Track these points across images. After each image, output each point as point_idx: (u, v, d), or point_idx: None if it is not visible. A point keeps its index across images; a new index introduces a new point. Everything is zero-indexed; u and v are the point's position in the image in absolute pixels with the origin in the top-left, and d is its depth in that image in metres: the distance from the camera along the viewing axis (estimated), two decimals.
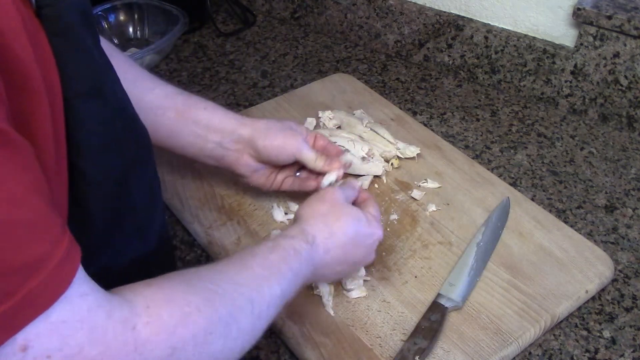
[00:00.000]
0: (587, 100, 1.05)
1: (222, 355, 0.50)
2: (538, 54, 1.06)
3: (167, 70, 1.15)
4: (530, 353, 0.71)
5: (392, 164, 0.91)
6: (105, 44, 0.73)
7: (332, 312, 0.71)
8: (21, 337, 0.38)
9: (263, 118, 0.80)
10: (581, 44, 1.01)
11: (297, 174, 0.82)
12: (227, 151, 0.78)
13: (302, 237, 0.63)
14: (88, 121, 0.48)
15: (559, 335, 0.73)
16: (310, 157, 0.78)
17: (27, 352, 0.38)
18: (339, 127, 0.96)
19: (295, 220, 0.68)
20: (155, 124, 0.75)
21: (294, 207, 0.84)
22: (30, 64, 0.40)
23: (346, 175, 0.89)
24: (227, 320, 0.50)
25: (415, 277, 0.76)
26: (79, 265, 0.42)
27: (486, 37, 1.10)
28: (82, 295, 0.41)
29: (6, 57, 0.38)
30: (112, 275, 0.55)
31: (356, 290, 0.73)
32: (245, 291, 0.53)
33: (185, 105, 0.77)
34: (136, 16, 1.20)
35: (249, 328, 0.52)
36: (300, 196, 0.86)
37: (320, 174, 0.79)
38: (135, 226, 0.58)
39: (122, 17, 1.20)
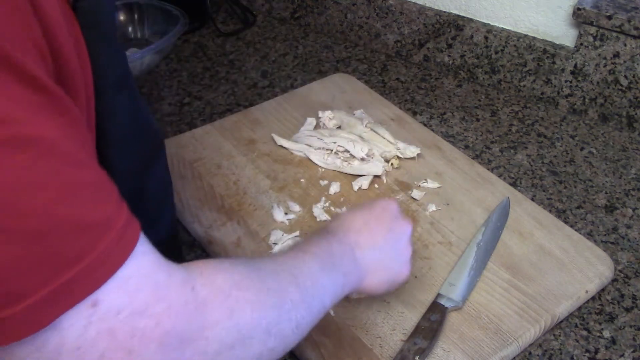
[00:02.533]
0: (587, 100, 1.05)
1: (277, 327, 0.50)
2: (538, 54, 1.06)
3: (167, 70, 1.15)
4: (530, 353, 0.71)
5: (392, 164, 0.91)
6: None
7: (332, 312, 0.71)
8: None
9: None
10: (581, 44, 1.01)
11: None
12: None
13: (327, 232, 0.63)
14: (117, 112, 0.50)
15: (559, 335, 0.73)
16: None
17: (97, 308, 0.39)
18: (339, 127, 0.96)
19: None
20: None
21: (294, 207, 0.84)
22: (72, 57, 0.41)
23: (346, 175, 0.90)
24: (277, 291, 0.50)
25: (415, 277, 0.76)
26: (140, 226, 0.42)
27: (486, 37, 1.10)
28: (144, 253, 0.42)
29: (54, 48, 0.39)
30: None
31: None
32: (285, 267, 0.53)
33: None
34: (136, 16, 1.20)
35: (299, 301, 0.52)
36: (302, 197, 0.86)
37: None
38: (147, 217, 0.59)
39: (122, 17, 1.20)
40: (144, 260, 0.42)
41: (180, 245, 0.71)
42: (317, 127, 0.97)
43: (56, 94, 0.37)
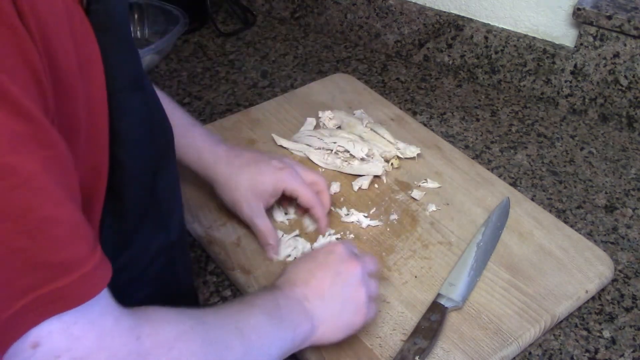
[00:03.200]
0: (587, 100, 1.05)
1: None
2: (538, 54, 1.06)
3: (167, 70, 1.15)
4: (530, 353, 0.71)
5: (392, 164, 0.91)
6: None
7: None
8: (33, 334, 0.38)
9: (241, 161, 0.77)
10: (581, 44, 1.01)
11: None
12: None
13: (273, 287, 0.62)
14: (130, 114, 0.50)
15: (559, 335, 0.73)
16: (258, 234, 0.77)
17: (37, 350, 0.38)
18: (339, 127, 0.96)
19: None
20: None
21: (292, 209, 0.84)
22: (73, 72, 0.41)
23: (346, 175, 0.90)
24: (220, 344, 0.50)
25: (415, 277, 0.76)
26: (110, 276, 0.42)
27: (486, 37, 1.10)
28: (97, 298, 0.41)
29: (53, 67, 0.39)
30: (139, 265, 0.56)
31: None
32: (230, 320, 0.53)
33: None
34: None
35: (243, 354, 0.52)
36: None
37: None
38: (159, 218, 0.60)
39: None
40: (94, 306, 0.41)
41: (186, 245, 0.72)
42: (317, 127, 0.97)
43: (43, 126, 0.37)
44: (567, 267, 0.77)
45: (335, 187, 0.87)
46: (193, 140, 0.77)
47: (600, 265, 0.78)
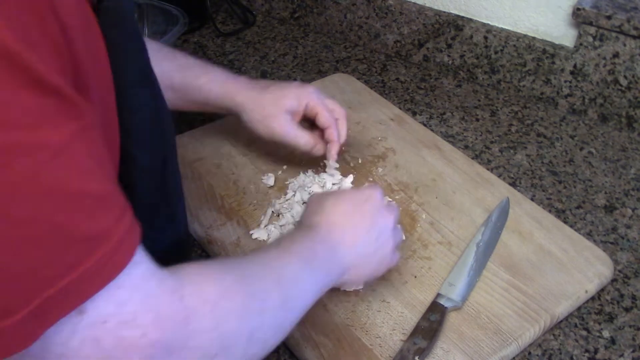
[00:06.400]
0: (586, 100, 1.05)
1: (260, 333, 0.50)
2: (538, 54, 1.06)
3: None
4: (530, 353, 0.71)
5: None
6: None
7: (330, 311, 0.71)
8: None
9: (263, 85, 0.82)
10: (581, 44, 1.01)
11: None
12: (225, 115, 0.83)
13: (310, 229, 0.63)
14: (140, 109, 0.50)
15: (559, 335, 0.73)
16: (298, 143, 0.80)
17: (84, 317, 0.38)
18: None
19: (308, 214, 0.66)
20: None
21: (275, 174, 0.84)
22: (87, 58, 0.41)
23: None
24: (261, 296, 0.50)
25: (415, 277, 0.76)
26: (140, 239, 0.42)
27: (486, 37, 1.10)
28: (136, 263, 0.41)
29: (70, 48, 0.38)
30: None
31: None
32: (270, 270, 0.54)
33: (182, 85, 0.79)
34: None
35: (281, 305, 0.52)
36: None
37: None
38: (168, 212, 0.60)
39: None
40: (136, 270, 0.41)
41: (190, 239, 0.72)
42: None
43: (70, 98, 0.37)
44: (566, 267, 0.77)
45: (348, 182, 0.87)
46: (215, 75, 0.81)
47: (600, 265, 0.78)
